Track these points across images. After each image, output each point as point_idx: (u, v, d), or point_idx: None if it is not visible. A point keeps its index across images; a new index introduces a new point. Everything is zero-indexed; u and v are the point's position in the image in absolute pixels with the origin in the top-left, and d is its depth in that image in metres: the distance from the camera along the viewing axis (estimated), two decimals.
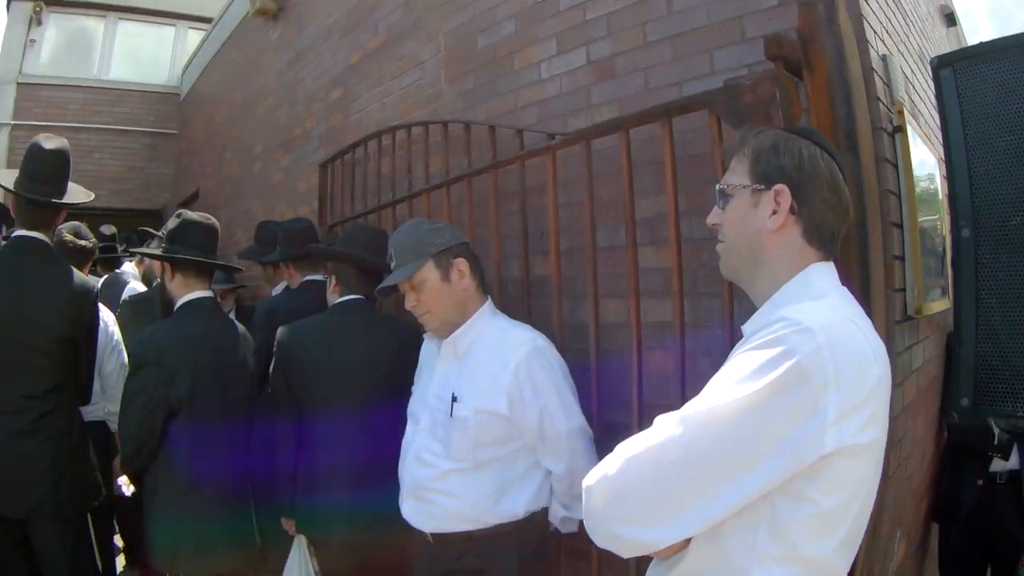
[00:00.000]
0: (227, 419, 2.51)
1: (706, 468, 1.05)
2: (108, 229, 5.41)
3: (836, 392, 1.01)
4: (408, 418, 2.20)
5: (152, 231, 5.34)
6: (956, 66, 2.58)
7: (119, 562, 4.01)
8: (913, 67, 2.75)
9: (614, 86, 2.51)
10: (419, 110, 3.54)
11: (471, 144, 2.81)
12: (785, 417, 1.01)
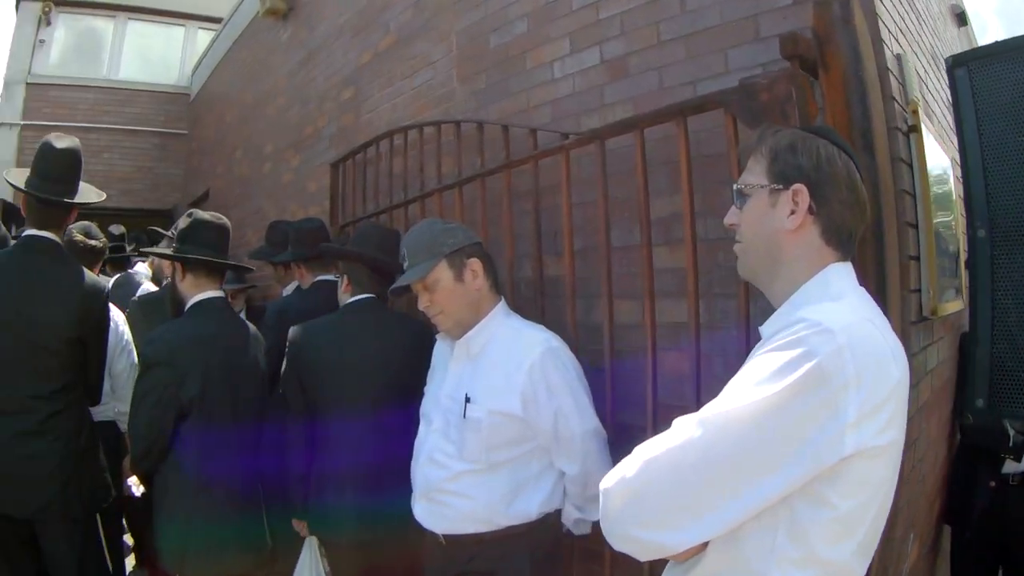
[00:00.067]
0: (238, 420, 2.49)
1: (726, 470, 1.04)
2: (117, 229, 5.41)
3: (856, 393, 1.01)
4: (421, 419, 2.19)
5: (162, 231, 5.33)
6: (971, 66, 2.58)
7: (129, 562, 4.01)
8: (926, 66, 2.73)
9: (628, 85, 2.50)
10: (431, 110, 3.53)
11: (484, 144, 2.80)
12: (805, 419, 1.01)
